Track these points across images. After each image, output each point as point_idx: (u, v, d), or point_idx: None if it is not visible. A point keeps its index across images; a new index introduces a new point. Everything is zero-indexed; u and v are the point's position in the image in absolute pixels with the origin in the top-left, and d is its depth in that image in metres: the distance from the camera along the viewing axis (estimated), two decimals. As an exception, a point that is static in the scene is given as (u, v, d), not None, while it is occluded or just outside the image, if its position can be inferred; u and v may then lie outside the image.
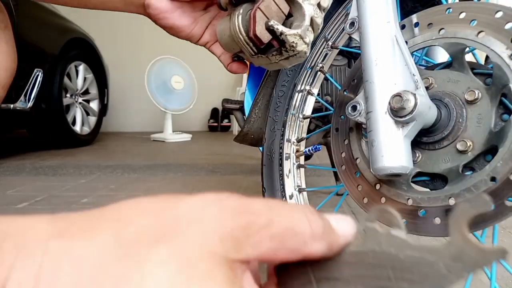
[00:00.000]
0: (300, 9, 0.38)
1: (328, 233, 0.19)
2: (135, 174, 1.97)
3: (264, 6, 0.38)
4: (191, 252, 0.15)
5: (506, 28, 0.39)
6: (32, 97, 2.45)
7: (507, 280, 0.79)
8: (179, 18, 0.45)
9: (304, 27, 0.38)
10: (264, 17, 0.38)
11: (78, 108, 3.03)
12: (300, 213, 0.18)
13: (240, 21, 0.39)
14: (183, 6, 0.45)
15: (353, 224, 0.20)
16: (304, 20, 0.38)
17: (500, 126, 0.38)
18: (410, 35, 0.47)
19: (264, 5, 0.38)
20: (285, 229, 0.17)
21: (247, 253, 0.17)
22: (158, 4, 0.44)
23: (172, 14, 0.45)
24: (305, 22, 0.38)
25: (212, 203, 0.17)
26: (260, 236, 0.17)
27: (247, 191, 1.58)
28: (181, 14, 0.45)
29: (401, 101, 0.37)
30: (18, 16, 2.34)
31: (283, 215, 0.18)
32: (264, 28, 0.38)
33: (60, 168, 2.12)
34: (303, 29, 0.38)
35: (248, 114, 1.11)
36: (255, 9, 0.38)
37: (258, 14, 0.38)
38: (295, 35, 0.37)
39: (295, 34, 0.37)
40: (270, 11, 0.39)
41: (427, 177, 0.44)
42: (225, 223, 0.17)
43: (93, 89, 3.22)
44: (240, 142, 1.20)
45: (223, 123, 4.68)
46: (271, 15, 0.39)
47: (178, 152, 2.79)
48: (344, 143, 0.52)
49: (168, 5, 0.44)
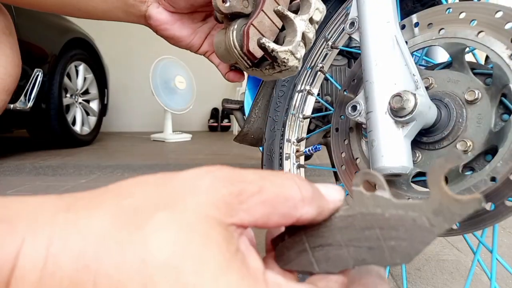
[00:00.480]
0: (292, 25, 0.39)
1: (318, 198, 0.20)
2: (135, 174, 1.97)
3: (257, 22, 0.39)
4: (189, 217, 0.17)
5: (506, 28, 0.39)
6: (32, 97, 2.45)
7: (507, 280, 0.79)
8: (179, 29, 0.46)
9: (295, 43, 0.39)
10: (257, 33, 0.39)
11: (78, 108, 3.03)
12: (290, 180, 0.19)
13: (234, 36, 0.40)
14: (182, 18, 0.46)
15: (341, 190, 0.22)
16: (296, 36, 0.39)
17: (500, 126, 0.38)
18: (410, 35, 0.47)
19: (257, 21, 0.39)
20: (276, 195, 0.19)
21: (241, 218, 0.18)
22: (159, 16, 0.45)
23: (172, 26, 0.46)
24: (296, 38, 0.39)
25: (205, 174, 0.19)
26: (253, 202, 0.18)
27: (247, 191, 1.58)
28: (181, 25, 0.46)
29: (401, 101, 0.37)
30: (18, 16, 2.34)
31: (274, 182, 0.19)
32: (257, 44, 0.39)
33: (60, 168, 2.12)
34: (294, 45, 0.38)
35: (248, 114, 1.11)
36: (249, 25, 0.39)
37: (252, 30, 0.39)
38: (286, 52, 0.38)
39: (286, 51, 0.38)
40: (263, 26, 0.40)
41: (427, 177, 0.44)
42: (218, 191, 0.18)
43: (93, 89, 3.22)
44: (240, 142, 1.20)
45: (223, 123, 4.68)
46: (264, 30, 0.40)
47: (178, 152, 2.79)
48: (344, 143, 0.52)
49: (168, 17, 0.45)
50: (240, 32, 0.40)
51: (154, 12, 0.45)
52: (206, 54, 0.50)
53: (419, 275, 0.82)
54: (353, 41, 0.91)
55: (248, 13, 0.40)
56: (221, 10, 0.38)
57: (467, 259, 0.90)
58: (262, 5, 0.40)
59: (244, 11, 0.40)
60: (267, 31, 0.40)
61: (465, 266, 0.87)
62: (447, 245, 0.99)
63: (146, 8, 0.45)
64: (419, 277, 0.82)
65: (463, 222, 0.38)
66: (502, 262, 0.44)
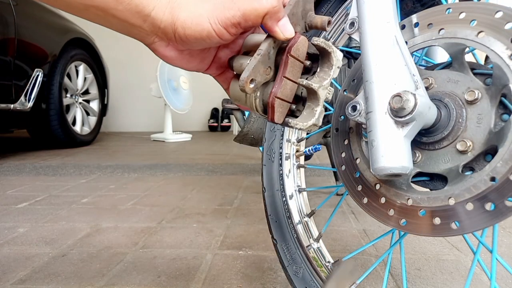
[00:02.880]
0: (315, 94, 0.39)
1: None
2: (135, 174, 1.97)
3: (280, 92, 0.39)
4: None
5: (506, 28, 0.39)
6: (32, 97, 2.45)
7: (507, 280, 0.79)
8: (187, 63, 0.43)
9: (318, 115, 0.39)
10: (281, 103, 0.39)
11: (78, 108, 3.03)
12: None
13: (257, 104, 0.40)
14: (191, 52, 0.42)
15: None
16: (318, 105, 0.39)
17: (500, 126, 0.38)
18: (410, 35, 0.47)
19: (281, 91, 0.39)
20: None
21: None
22: (167, 53, 0.41)
23: (181, 61, 0.42)
24: (319, 108, 0.39)
25: None
26: None
27: (247, 191, 1.58)
28: (189, 59, 0.43)
29: (401, 101, 0.37)
30: (18, 16, 2.34)
31: None
32: (281, 116, 0.40)
33: (60, 168, 2.12)
34: (317, 117, 0.39)
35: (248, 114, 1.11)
36: (273, 98, 0.38)
37: (277, 103, 0.39)
38: (311, 126, 0.39)
39: (311, 125, 0.39)
40: (286, 92, 0.39)
41: (427, 177, 0.44)
42: None
43: (93, 89, 3.22)
44: (240, 142, 1.20)
45: (223, 123, 4.68)
46: (287, 94, 0.40)
47: (178, 152, 2.79)
48: (344, 143, 0.52)
49: (176, 54, 0.41)
50: (265, 101, 0.40)
51: (161, 49, 0.41)
52: (213, 75, 0.47)
53: (419, 275, 0.82)
54: (353, 41, 0.91)
55: (269, 78, 0.40)
56: (247, 92, 0.37)
57: (467, 259, 0.90)
58: (284, 72, 0.39)
59: (267, 79, 0.39)
60: (289, 94, 0.40)
61: (465, 266, 0.87)
62: (447, 245, 0.99)
63: (152, 42, 0.40)
64: (419, 277, 0.82)
65: (462, 222, 0.38)
66: (502, 262, 0.44)
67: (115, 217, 1.24)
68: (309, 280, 0.59)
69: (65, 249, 0.96)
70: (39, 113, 2.58)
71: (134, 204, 1.39)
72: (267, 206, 0.68)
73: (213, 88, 4.40)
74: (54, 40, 2.68)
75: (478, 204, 0.38)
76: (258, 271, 0.84)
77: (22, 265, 0.87)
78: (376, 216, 0.46)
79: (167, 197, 1.49)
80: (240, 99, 0.42)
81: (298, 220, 0.64)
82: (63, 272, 0.84)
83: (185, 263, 0.88)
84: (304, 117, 0.40)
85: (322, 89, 0.39)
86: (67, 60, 2.80)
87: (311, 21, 0.41)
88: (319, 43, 0.39)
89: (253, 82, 0.37)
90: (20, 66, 2.37)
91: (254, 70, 0.37)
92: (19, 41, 2.34)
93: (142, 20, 0.37)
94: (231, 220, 1.20)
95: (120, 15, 0.37)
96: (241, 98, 0.42)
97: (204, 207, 1.35)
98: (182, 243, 1.00)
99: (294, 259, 0.62)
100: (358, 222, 1.17)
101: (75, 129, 2.94)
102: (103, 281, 0.79)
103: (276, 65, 0.40)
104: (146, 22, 0.37)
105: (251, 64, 0.37)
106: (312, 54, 0.41)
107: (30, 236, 1.06)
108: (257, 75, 0.38)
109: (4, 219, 1.21)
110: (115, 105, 4.48)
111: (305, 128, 0.39)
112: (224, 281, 0.79)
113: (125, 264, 0.87)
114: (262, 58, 0.38)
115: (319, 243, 0.63)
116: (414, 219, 0.42)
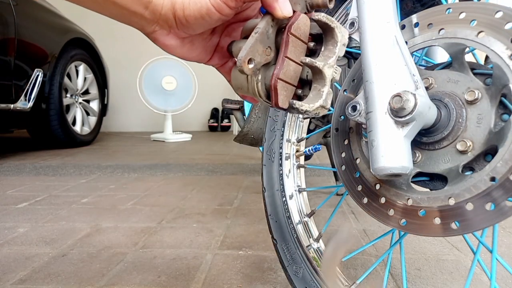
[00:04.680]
0: (320, 74, 0.37)
1: None
2: (135, 174, 1.97)
3: (283, 73, 0.37)
4: None
5: (506, 28, 0.39)
6: (32, 97, 2.45)
7: (507, 280, 0.79)
8: (189, 51, 0.42)
9: (325, 95, 0.37)
10: (285, 85, 0.37)
11: (78, 108, 3.03)
12: None
13: (260, 87, 0.38)
14: (193, 40, 0.41)
15: None
16: (325, 85, 0.37)
17: (500, 126, 0.38)
18: (410, 35, 0.47)
19: (283, 72, 0.37)
20: None
21: None
22: (167, 42, 0.40)
23: (182, 49, 0.41)
24: (325, 88, 0.37)
25: None
26: None
27: (247, 191, 1.58)
28: (190, 47, 0.41)
29: (401, 101, 0.37)
30: (18, 16, 2.34)
31: None
32: (285, 100, 0.38)
33: (60, 168, 2.12)
34: (324, 98, 0.37)
35: (248, 114, 1.11)
36: (275, 79, 0.37)
37: (280, 85, 0.37)
38: (318, 108, 0.37)
39: (318, 107, 0.37)
40: (289, 74, 0.38)
41: (427, 177, 0.44)
42: None
43: (93, 89, 3.22)
44: (240, 142, 1.20)
45: (223, 123, 4.68)
46: (290, 76, 0.38)
47: (178, 152, 2.79)
48: (344, 143, 0.52)
49: (178, 43, 0.40)
50: (267, 84, 0.38)
51: (162, 38, 0.40)
52: (216, 65, 0.46)
53: (419, 275, 0.82)
54: (353, 41, 0.91)
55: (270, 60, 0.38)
56: (245, 72, 0.36)
57: (467, 259, 0.90)
58: (285, 51, 0.37)
59: (267, 60, 0.38)
60: (293, 76, 0.38)
61: (465, 266, 0.87)
62: (447, 245, 0.99)
63: (152, 31, 0.39)
64: (419, 277, 0.82)
65: (462, 222, 0.38)
66: (502, 262, 0.44)
67: (115, 217, 1.24)
68: (309, 280, 0.59)
69: (65, 249, 0.96)
70: (39, 113, 2.58)
71: (134, 204, 1.39)
72: (267, 206, 0.68)
73: (213, 88, 4.41)
74: (54, 40, 2.68)
75: (478, 204, 0.38)
76: (258, 271, 0.84)
77: (22, 265, 0.87)
78: (376, 216, 0.46)
79: (167, 197, 1.49)
80: (242, 87, 0.40)
81: (298, 220, 0.64)
82: (63, 272, 0.84)
83: (185, 263, 0.88)
84: (310, 99, 0.37)
85: (327, 67, 0.37)
86: (67, 60, 2.80)
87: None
88: (320, 18, 0.37)
89: (251, 62, 0.36)
90: (20, 66, 2.37)
91: (252, 49, 0.35)
92: (19, 41, 2.34)
93: (144, 6, 0.36)
94: (231, 220, 1.20)
95: (120, 1, 0.36)
96: (243, 85, 0.40)
97: (204, 207, 1.35)
98: (182, 243, 1.00)
99: (294, 259, 0.62)
100: (358, 222, 1.17)
101: (75, 129, 2.94)
102: (103, 281, 0.79)
103: (277, 46, 0.38)
104: (148, 9, 0.37)
105: (248, 42, 0.35)
106: (316, 35, 0.39)
107: (30, 236, 1.06)
108: (256, 54, 0.36)
109: (4, 219, 1.21)
110: (115, 105, 4.48)
111: (312, 110, 0.37)
112: (224, 281, 0.79)
113: (125, 264, 0.87)
114: (260, 37, 0.36)
115: (319, 243, 0.63)
116: (414, 219, 0.42)
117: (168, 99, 3.62)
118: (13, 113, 2.36)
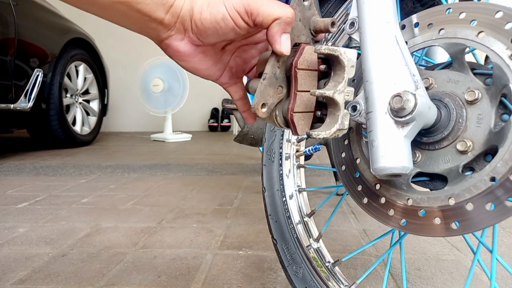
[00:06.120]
0: (333, 102, 0.39)
1: None
2: (135, 174, 1.97)
3: (297, 106, 0.39)
4: None
5: (506, 28, 0.39)
6: (32, 97, 2.45)
7: (507, 280, 0.79)
8: (199, 62, 0.42)
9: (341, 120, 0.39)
10: (301, 116, 0.40)
11: (78, 108, 3.03)
12: None
13: (279, 121, 0.41)
14: (206, 50, 0.41)
15: None
16: (339, 110, 0.39)
17: (500, 126, 0.38)
18: (410, 35, 0.47)
19: (297, 105, 0.39)
20: None
21: None
22: (181, 48, 0.40)
23: (194, 59, 0.42)
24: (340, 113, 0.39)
25: None
26: None
27: (247, 191, 1.58)
28: (202, 58, 0.42)
29: (401, 101, 0.37)
30: (18, 16, 2.34)
31: None
32: (304, 128, 0.41)
33: (60, 168, 2.12)
34: (340, 122, 0.39)
35: (248, 114, 1.11)
36: (291, 114, 0.39)
37: (296, 117, 0.40)
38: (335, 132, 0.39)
39: (335, 131, 0.39)
40: (303, 104, 0.40)
41: (427, 177, 0.44)
42: None
43: (93, 89, 3.22)
44: (240, 142, 1.20)
45: (223, 123, 4.68)
46: (305, 105, 0.40)
47: (178, 152, 2.79)
48: (344, 143, 0.52)
49: (191, 50, 0.41)
50: (284, 119, 0.41)
51: (175, 44, 0.40)
52: (224, 85, 0.46)
53: (419, 275, 0.82)
54: (353, 41, 0.91)
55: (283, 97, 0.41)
56: (260, 116, 0.38)
57: (467, 259, 0.90)
58: (295, 87, 0.39)
59: (280, 98, 0.40)
60: (308, 104, 0.41)
61: (465, 266, 0.87)
62: (447, 245, 0.99)
63: (167, 37, 0.40)
64: (419, 277, 0.82)
65: (462, 222, 0.38)
66: (502, 262, 0.44)
67: (115, 217, 1.24)
68: (309, 280, 0.59)
69: (65, 249, 0.96)
70: (39, 113, 2.58)
71: (134, 204, 1.39)
72: (267, 206, 0.68)
73: (213, 88, 4.41)
74: (54, 40, 2.68)
75: (478, 204, 0.37)
76: (258, 271, 0.84)
77: (22, 265, 0.87)
78: (376, 216, 0.46)
79: (167, 197, 1.49)
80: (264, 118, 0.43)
81: (298, 220, 0.64)
82: (63, 272, 0.84)
83: (185, 263, 0.88)
84: (327, 124, 0.40)
85: (337, 94, 0.39)
86: (67, 60, 2.80)
87: (314, 26, 0.41)
88: (322, 51, 0.39)
89: (264, 106, 0.39)
90: (20, 66, 2.37)
91: (263, 95, 0.38)
92: (19, 41, 2.34)
93: (165, 11, 0.38)
94: (231, 220, 1.20)
95: (144, 8, 0.37)
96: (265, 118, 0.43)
97: (204, 207, 1.35)
98: (182, 243, 1.00)
99: (294, 259, 0.62)
100: (358, 222, 1.17)
101: (75, 129, 2.94)
102: (103, 281, 0.79)
103: (289, 81, 0.40)
104: (168, 13, 0.38)
105: (258, 90, 0.38)
106: (326, 57, 0.41)
107: (30, 236, 1.06)
108: (268, 98, 0.39)
109: (4, 219, 1.21)
110: (115, 105, 4.48)
111: (330, 135, 0.39)
112: (224, 281, 0.79)
113: (125, 264, 0.87)
114: (269, 81, 0.39)
115: (319, 243, 0.63)
116: (414, 219, 0.42)
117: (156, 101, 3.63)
118: (13, 113, 2.36)
